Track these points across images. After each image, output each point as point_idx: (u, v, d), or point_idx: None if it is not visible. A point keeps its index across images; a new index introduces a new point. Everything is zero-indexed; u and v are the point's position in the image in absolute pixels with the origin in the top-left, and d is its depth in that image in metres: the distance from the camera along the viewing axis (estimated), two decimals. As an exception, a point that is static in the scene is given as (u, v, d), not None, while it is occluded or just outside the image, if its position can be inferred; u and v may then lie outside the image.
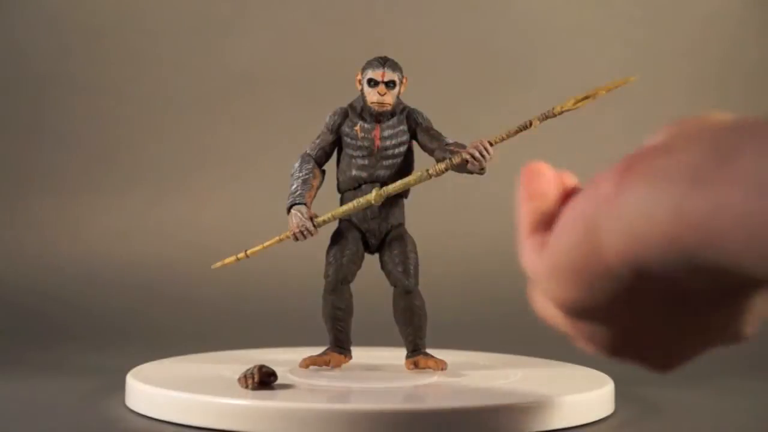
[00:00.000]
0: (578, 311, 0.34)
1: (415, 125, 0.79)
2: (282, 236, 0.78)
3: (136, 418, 0.70)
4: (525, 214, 0.38)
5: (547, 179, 0.38)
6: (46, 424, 0.69)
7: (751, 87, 1.43)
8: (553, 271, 0.34)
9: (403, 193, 0.79)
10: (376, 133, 0.78)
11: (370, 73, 0.78)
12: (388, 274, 0.79)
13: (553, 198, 0.38)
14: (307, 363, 0.77)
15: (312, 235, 0.77)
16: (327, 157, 0.80)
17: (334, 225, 0.80)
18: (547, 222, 0.37)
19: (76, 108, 1.42)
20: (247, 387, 0.68)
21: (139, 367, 0.78)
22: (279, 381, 0.70)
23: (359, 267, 0.79)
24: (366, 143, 0.78)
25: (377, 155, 0.78)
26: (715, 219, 0.28)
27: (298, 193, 0.78)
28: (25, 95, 1.42)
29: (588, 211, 0.32)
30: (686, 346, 0.36)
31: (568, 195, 0.38)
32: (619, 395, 0.75)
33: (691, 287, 0.31)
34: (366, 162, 0.78)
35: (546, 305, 0.37)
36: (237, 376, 0.70)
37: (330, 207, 0.78)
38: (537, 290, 0.36)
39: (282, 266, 1.20)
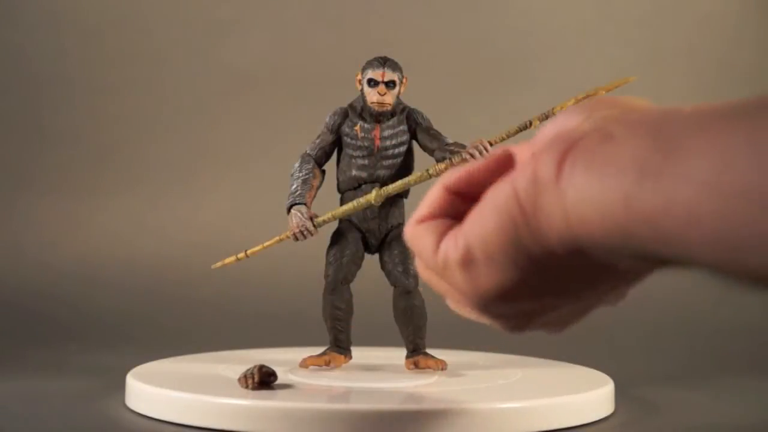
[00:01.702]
0: (488, 295, 0.34)
1: (415, 125, 0.79)
2: (282, 236, 0.78)
3: (136, 418, 0.70)
4: (427, 198, 0.39)
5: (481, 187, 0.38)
6: (46, 424, 0.69)
7: (750, 87, 1.43)
8: (471, 262, 0.34)
9: (403, 193, 0.79)
10: (376, 133, 0.78)
11: (370, 73, 0.78)
12: (388, 274, 0.79)
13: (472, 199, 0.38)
14: (307, 363, 0.77)
15: (312, 235, 0.77)
16: (327, 157, 0.80)
17: (334, 225, 0.80)
18: (445, 209, 0.38)
19: (76, 108, 1.42)
20: (247, 387, 0.68)
21: (139, 367, 0.78)
22: (279, 381, 0.70)
23: (359, 267, 0.79)
24: (366, 143, 0.78)
25: (377, 155, 0.78)
26: (666, 215, 0.28)
27: (298, 193, 0.78)
28: (25, 95, 1.42)
29: (522, 191, 0.32)
30: (580, 310, 0.37)
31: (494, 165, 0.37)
32: (619, 395, 0.75)
33: (616, 266, 0.32)
34: (366, 162, 0.78)
35: (441, 284, 0.37)
36: (237, 376, 0.70)
37: (330, 207, 0.78)
38: (433, 273, 0.37)
39: (282, 266, 1.20)
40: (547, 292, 0.34)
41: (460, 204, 0.38)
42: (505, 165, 0.37)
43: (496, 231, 0.33)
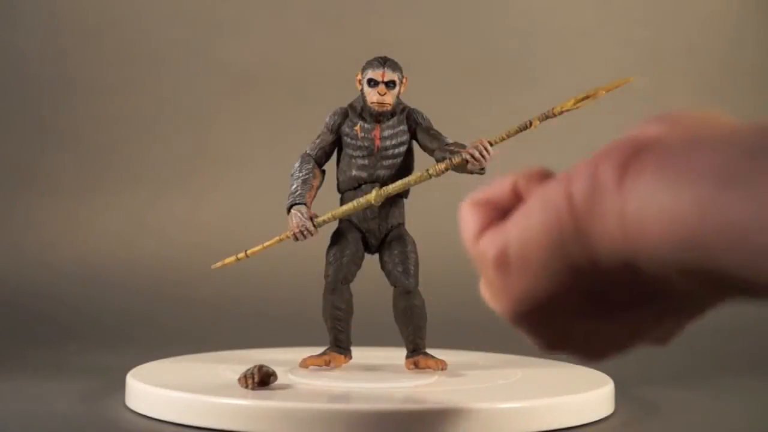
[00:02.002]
0: (519, 301, 0.32)
1: (415, 125, 0.79)
2: (282, 236, 0.78)
3: (136, 418, 0.70)
4: (469, 210, 0.36)
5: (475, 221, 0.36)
6: (46, 424, 0.69)
7: (751, 87, 1.43)
8: (507, 257, 0.32)
9: (403, 193, 0.79)
10: (376, 133, 0.78)
11: (370, 73, 0.78)
12: (388, 274, 0.79)
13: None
14: (307, 363, 0.77)
15: (312, 235, 0.77)
16: (327, 157, 0.80)
17: (334, 225, 0.80)
18: (495, 198, 0.35)
19: (76, 108, 1.42)
20: (247, 387, 0.68)
21: (139, 367, 0.78)
22: (279, 381, 0.70)
23: (359, 267, 0.79)
24: (366, 143, 0.78)
25: (377, 155, 0.78)
26: (747, 221, 0.26)
27: (298, 193, 0.78)
28: (25, 95, 1.42)
29: (577, 191, 0.30)
30: (619, 340, 0.35)
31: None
32: (619, 395, 0.75)
33: (662, 286, 0.30)
34: (366, 162, 0.78)
35: (493, 297, 0.35)
36: (237, 376, 0.70)
37: (330, 207, 0.78)
38: (486, 284, 0.35)
39: (282, 266, 1.20)
40: (585, 309, 0.32)
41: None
42: None
43: (538, 231, 0.31)
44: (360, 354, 0.81)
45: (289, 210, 0.78)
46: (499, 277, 0.32)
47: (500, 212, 0.35)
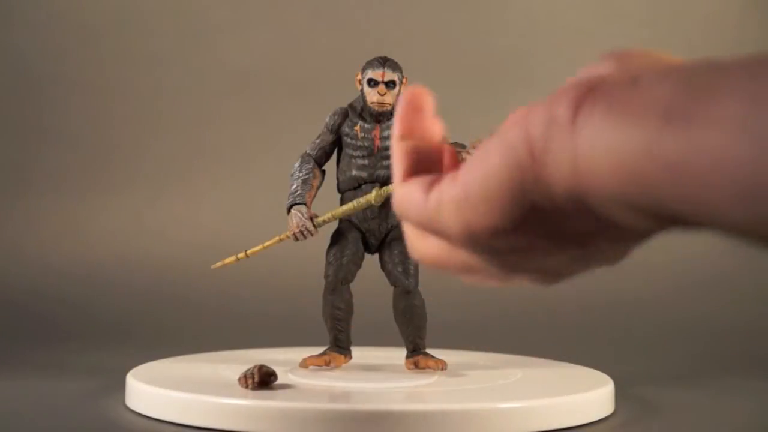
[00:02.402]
0: (482, 237, 0.32)
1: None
2: (282, 236, 0.78)
3: (136, 418, 0.70)
4: (399, 154, 0.36)
5: (426, 110, 0.37)
6: (46, 424, 0.69)
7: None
8: (466, 199, 0.32)
9: (403, 193, 0.79)
10: (376, 133, 0.78)
11: (370, 73, 0.78)
12: (388, 274, 0.79)
13: (431, 133, 0.37)
14: (307, 363, 0.77)
15: (312, 235, 0.77)
16: (327, 157, 0.80)
17: (334, 225, 0.80)
18: (427, 164, 0.36)
19: (76, 108, 1.42)
20: (247, 387, 0.68)
21: (139, 367, 0.78)
22: (279, 381, 0.70)
23: (359, 267, 0.79)
24: (366, 143, 0.78)
25: (377, 155, 0.78)
26: (690, 162, 0.26)
27: (298, 193, 0.78)
28: (25, 95, 1.42)
29: (534, 132, 0.30)
30: (576, 262, 0.35)
31: (449, 156, 0.37)
32: (619, 395, 0.75)
33: (615, 221, 0.30)
34: (366, 162, 0.78)
35: (426, 241, 0.35)
36: (237, 376, 0.70)
37: (330, 207, 0.78)
38: (421, 227, 0.35)
39: (282, 266, 1.20)
40: (542, 238, 0.32)
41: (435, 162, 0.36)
42: None
43: (498, 169, 0.31)
44: (360, 354, 0.81)
45: (289, 210, 0.78)
46: (458, 214, 0.32)
47: (429, 162, 0.36)
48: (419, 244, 0.36)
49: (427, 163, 0.36)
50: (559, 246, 0.33)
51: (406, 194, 0.35)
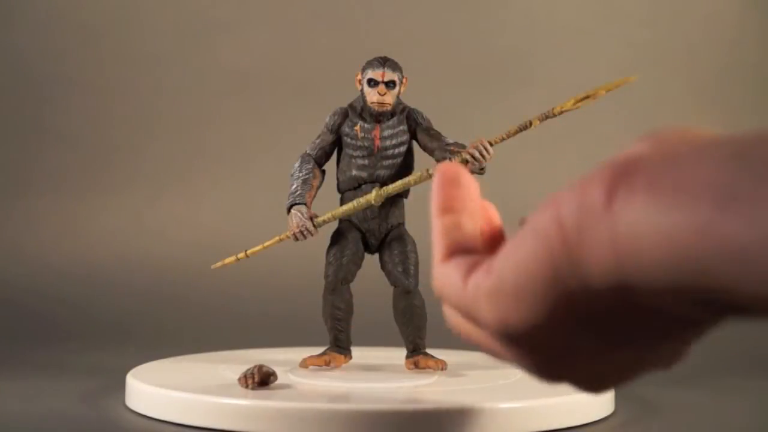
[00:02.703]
0: (518, 331, 0.31)
1: (415, 125, 0.79)
2: (282, 236, 0.78)
3: (136, 418, 0.70)
4: (439, 231, 0.35)
5: (466, 189, 0.36)
6: (46, 424, 0.69)
7: (751, 88, 1.43)
8: (500, 290, 0.31)
9: (403, 193, 0.79)
10: (376, 133, 0.78)
11: (370, 73, 0.78)
12: (388, 274, 0.79)
13: (471, 213, 0.35)
14: (307, 363, 0.77)
15: (312, 235, 0.77)
16: (327, 157, 0.80)
17: (334, 225, 0.80)
18: (467, 242, 0.34)
19: (76, 108, 1.42)
20: (247, 387, 0.68)
21: (139, 367, 0.78)
22: (279, 381, 0.70)
23: (359, 267, 0.79)
24: (366, 143, 0.78)
25: (377, 155, 0.78)
26: (756, 242, 0.25)
27: (298, 193, 0.78)
28: (25, 95, 1.42)
29: (567, 218, 0.29)
30: (622, 369, 0.33)
31: (494, 232, 0.35)
32: (619, 395, 0.75)
33: (667, 313, 0.29)
34: (366, 162, 0.78)
35: (469, 328, 0.34)
36: (237, 376, 0.70)
37: (330, 207, 0.78)
38: (460, 313, 0.33)
39: (282, 266, 1.20)
40: (583, 336, 0.31)
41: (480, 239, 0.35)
42: None
43: (531, 259, 0.30)
44: (360, 354, 0.81)
45: (289, 210, 0.78)
46: (493, 306, 0.31)
47: (471, 241, 0.35)
48: (457, 322, 0.35)
49: (467, 242, 0.35)
50: (603, 345, 0.31)
51: (446, 276, 0.34)
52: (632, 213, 0.27)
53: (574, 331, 0.30)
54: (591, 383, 0.34)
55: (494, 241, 0.36)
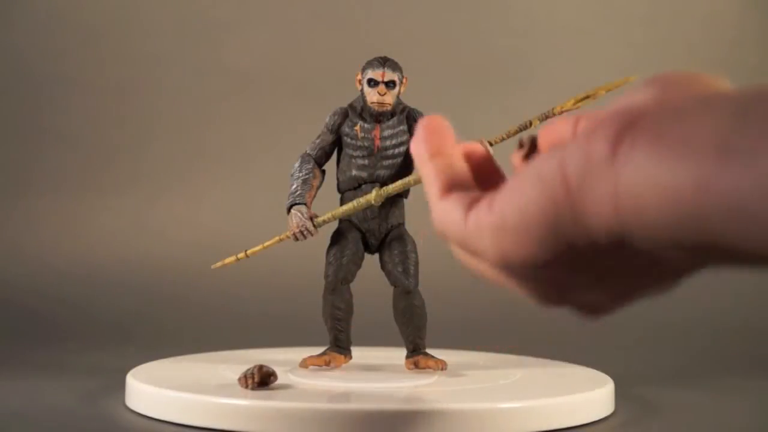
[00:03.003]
0: (518, 267, 0.32)
1: (415, 125, 0.79)
2: (282, 236, 0.78)
3: (136, 418, 0.70)
4: (433, 172, 0.36)
5: (448, 135, 0.37)
6: (46, 424, 0.69)
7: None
8: (503, 228, 0.31)
9: (403, 193, 0.79)
10: (376, 133, 0.78)
11: (370, 73, 0.78)
12: (388, 274, 0.79)
13: (457, 156, 0.37)
14: (307, 363, 0.77)
15: (312, 235, 0.77)
16: (327, 157, 0.80)
17: (334, 225, 0.80)
18: (461, 181, 0.35)
19: (76, 108, 1.42)
20: (247, 387, 0.68)
21: (139, 367, 0.78)
22: (279, 381, 0.70)
23: (359, 267, 0.79)
24: (366, 143, 0.78)
25: (377, 155, 0.78)
26: (755, 195, 0.25)
27: (298, 193, 0.78)
28: (25, 95, 1.42)
29: (571, 169, 0.29)
30: (618, 296, 0.34)
31: (477, 158, 0.37)
32: (619, 395, 0.75)
33: (664, 260, 0.29)
34: (366, 162, 0.78)
35: (473, 261, 0.35)
36: (237, 376, 0.70)
37: (330, 207, 0.78)
38: (460, 247, 0.34)
39: (282, 266, 1.20)
40: (581, 273, 0.31)
41: (476, 173, 0.36)
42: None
43: (534, 206, 0.30)
44: (360, 354, 0.81)
45: (289, 210, 0.78)
46: (496, 240, 0.32)
47: (466, 179, 0.35)
48: (468, 260, 0.35)
49: (461, 181, 0.35)
50: (599, 282, 0.32)
51: (445, 212, 0.34)
52: (634, 166, 0.27)
53: (572, 268, 0.31)
54: (587, 310, 0.35)
55: (489, 176, 0.37)
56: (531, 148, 0.37)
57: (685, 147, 0.26)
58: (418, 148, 0.37)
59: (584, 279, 0.32)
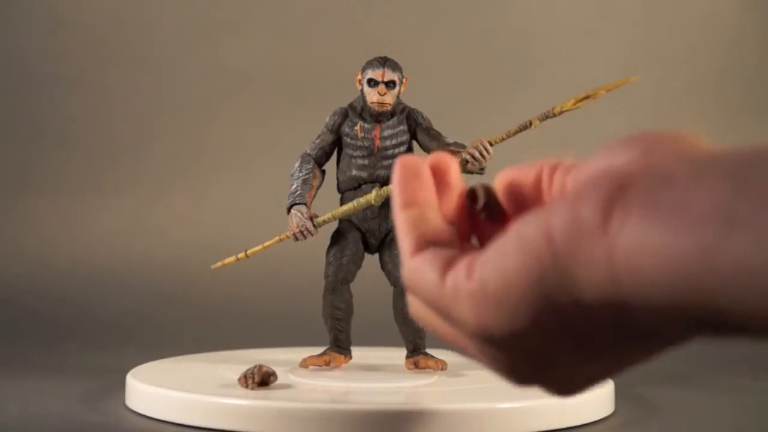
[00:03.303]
0: (495, 338, 0.30)
1: (415, 125, 0.79)
2: (282, 236, 0.78)
3: (136, 418, 0.70)
4: (405, 225, 0.33)
5: (427, 182, 0.35)
6: (46, 424, 0.69)
7: (751, 88, 1.43)
8: (483, 294, 0.30)
9: (403, 193, 0.79)
10: (376, 133, 0.78)
11: (370, 73, 0.78)
12: (388, 274, 0.79)
13: (434, 203, 0.34)
14: (307, 363, 0.77)
15: (312, 235, 0.77)
16: (327, 157, 0.80)
17: (334, 225, 0.80)
18: (436, 236, 0.33)
19: (76, 108, 1.42)
20: (247, 387, 0.68)
21: (139, 367, 0.78)
22: (279, 381, 0.70)
23: (359, 267, 0.79)
24: (366, 143, 0.78)
25: (377, 155, 0.78)
26: (757, 264, 0.24)
27: (298, 193, 0.78)
28: (25, 95, 1.42)
29: (558, 232, 0.28)
30: (594, 373, 0.33)
31: (456, 196, 0.35)
32: (619, 395, 0.75)
33: (652, 329, 0.28)
34: (366, 162, 0.78)
35: (439, 323, 0.33)
36: (237, 376, 0.70)
37: (330, 207, 0.78)
38: (433, 310, 0.32)
39: (282, 266, 1.20)
40: (564, 346, 0.30)
41: (454, 228, 0.34)
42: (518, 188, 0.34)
43: (518, 270, 0.29)
44: (360, 354, 0.81)
45: (289, 210, 0.78)
46: (475, 309, 0.30)
47: (440, 234, 0.33)
48: (427, 317, 0.33)
49: (437, 236, 0.33)
50: (581, 354, 0.31)
51: (418, 271, 0.32)
52: (630, 235, 0.27)
53: (554, 339, 0.30)
54: (561, 387, 0.34)
55: (467, 227, 0.35)
56: (487, 198, 0.35)
57: (685, 215, 0.26)
58: (393, 194, 0.35)
59: (565, 350, 0.31)
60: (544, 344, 0.30)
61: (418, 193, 0.34)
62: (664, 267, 0.26)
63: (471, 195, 0.35)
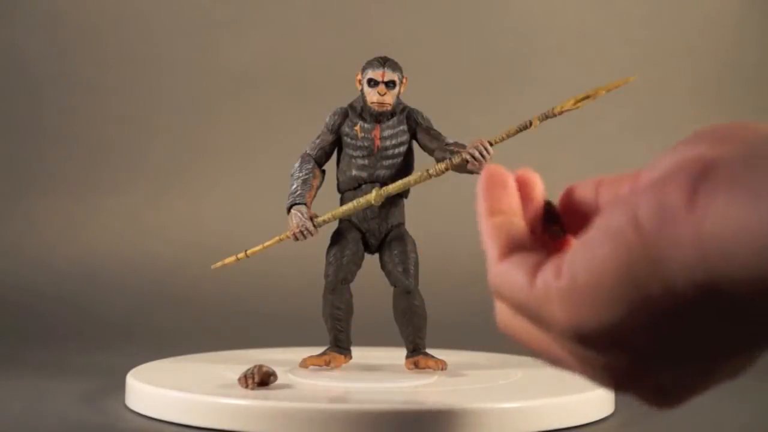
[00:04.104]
0: (591, 333, 0.30)
1: (415, 125, 0.79)
2: (282, 236, 0.78)
3: (136, 418, 0.70)
4: (491, 231, 0.34)
5: (510, 190, 0.35)
6: (46, 424, 0.69)
7: (751, 88, 1.43)
8: (573, 289, 0.30)
9: (403, 193, 0.79)
10: (376, 133, 0.78)
11: (370, 73, 0.78)
12: (388, 274, 0.79)
13: (519, 212, 0.35)
14: (307, 363, 0.77)
15: (312, 235, 0.77)
16: (327, 157, 0.80)
17: (334, 225, 0.80)
18: (521, 242, 0.34)
19: (76, 108, 1.42)
20: (247, 387, 0.68)
21: (139, 367, 0.78)
22: (279, 381, 0.70)
23: (359, 267, 0.79)
24: (366, 143, 0.78)
25: (377, 155, 0.78)
26: None
27: (298, 193, 0.78)
28: (25, 95, 1.42)
29: (645, 217, 0.28)
30: (693, 380, 0.33)
31: (538, 205, 0.35)
32: (619, 395, 0.75)
33: (746, 314, 0.29)
34: (366, 162, 0.78)
35: (528, 328, 0.33)
36: (237, 376, 0.70)
37: (330, 207, 0.78)
38: (522, 314, 0.33)
39: (282, 266, 1.20)
40: (658, 343, 0.30)
41: (537, 234, 0.35)
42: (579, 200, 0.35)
43: (607, 261, 0.29)
44: (360, 354, 0.81)
45: (289, 210, 0.78)
46: (567, 307, 0.30)
47: (526, 240, 0.34)
48: (515, 324, 0.34)
49: (522, 241, 0.34)
50: (678, 352, 0.31)
51: (506, 275, 0.33)
52: (717, 212, 0.27)
53: (648, 334, 0.30)
54: (659, 394, 0.34)
55: (548, 238, 0.36)
56: (551, 216, 0.36)
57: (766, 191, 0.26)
58: (479, 202, 0.35)
59: (659, 349, 0.31)
60: (637, 340, 0.30)
61: (504, 201, 0.35)
62: (753, 243, 0.26)
63: (547, 210, 0.36)
